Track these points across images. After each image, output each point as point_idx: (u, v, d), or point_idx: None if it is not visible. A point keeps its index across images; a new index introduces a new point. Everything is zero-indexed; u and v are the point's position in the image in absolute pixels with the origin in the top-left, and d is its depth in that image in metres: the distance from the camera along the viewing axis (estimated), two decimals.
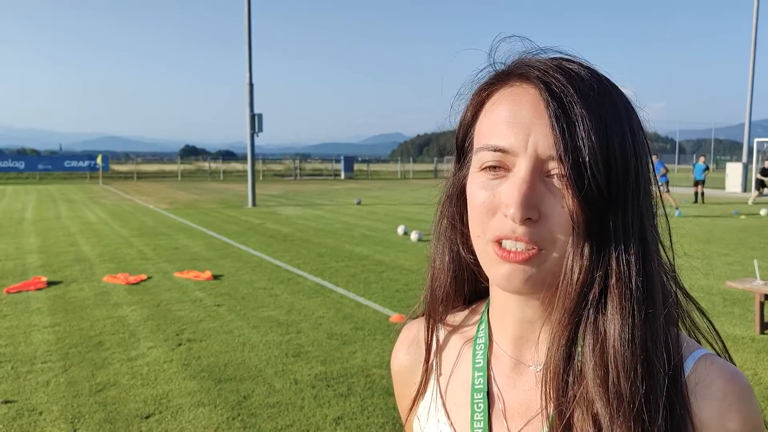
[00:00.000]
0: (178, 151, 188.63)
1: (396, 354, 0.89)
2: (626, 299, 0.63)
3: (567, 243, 0.64)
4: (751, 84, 30.12)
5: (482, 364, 0.76)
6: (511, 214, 0.63)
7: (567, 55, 0.70)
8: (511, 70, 0.70)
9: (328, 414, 4.17)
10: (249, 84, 21.77)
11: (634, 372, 0.62)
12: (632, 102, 0.70)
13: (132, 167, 50.50)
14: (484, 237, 0.68)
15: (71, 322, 6.44)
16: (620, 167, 0.64)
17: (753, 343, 5.66)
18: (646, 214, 0.67)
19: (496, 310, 0.77)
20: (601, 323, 0.64)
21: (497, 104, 0.69)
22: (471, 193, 0.70)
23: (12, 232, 13.93)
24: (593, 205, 0.63)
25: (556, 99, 0.64)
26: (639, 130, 0.68)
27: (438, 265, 0.81)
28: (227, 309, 6.98)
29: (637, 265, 0.64)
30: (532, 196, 0.63)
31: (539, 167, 0.64)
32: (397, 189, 33.34)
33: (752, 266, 6.41)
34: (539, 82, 0.65)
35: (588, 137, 0.62)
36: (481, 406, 0.74)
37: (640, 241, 0.65)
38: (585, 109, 0.63)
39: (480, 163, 0.68)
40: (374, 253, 10.94)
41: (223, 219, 17.16)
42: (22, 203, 22.62)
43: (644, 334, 0.63)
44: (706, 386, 0.65)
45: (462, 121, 0.75)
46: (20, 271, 9.25)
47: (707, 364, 0.67)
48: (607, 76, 0.69)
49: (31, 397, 4.48)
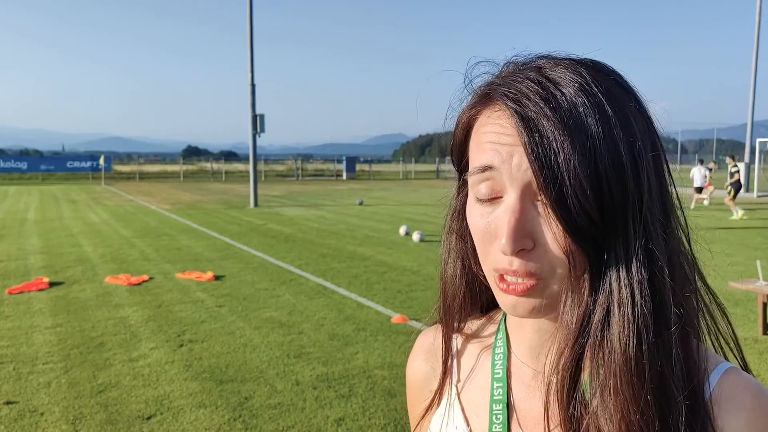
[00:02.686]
0: (180, 152, 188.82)
1: (412, 361, 0.88)
2: (630, 324, 0.59)
3: (565, 267, 0.61)
4: (754, 84, 30.06)
5: (501, 374, 0.75)
6: (502, 247, 0.61)
7: (554, 59, 0.65)
8: (495, 88, 0.66)
9: (329, 415, 4.16)
10: (251, 84, 21.79)
11: (645, 401, 0.59)
12: (637, 96, 0.65)
13: (134, 168, 50.58)
14: (486, 266, 0.67)
15: (73, 322, 6.45)
16: (614, 185, 0.59)
17: (756, 345, 5.64)
18: (652, 230, 0.61)
19: (512, 319, 0.76)
20: (606, 349, 0.61)
21: (482, 126, 0.67)
22: (470, 221, 0.68)
23: (14, 233, 13.95)
24: (582, 231, 0.60)
25: (530, 125, 0.60)
26: (643, 134, 0.62)
27: (450, 276, 0.80)
28: (229, 310, 6.98)
29: (640, 288, 0.59)
30: (523, 226, 0.61)
31: (528, 191, 0.62)
32: (399, 189, 33.34)
33: (755, 267, 6.39)
34: (515, 105, 0.62)
35: (568, 161, 0.58)
36: (500, 417, 0.73)
37: (646, 260, 0.60)
38: (566, 130, 0.59)
39: (474, 191, 0.67)
40: (376, 253, 10.93)
41: (225, 219, 17.17)
42: (24, 204, 22.66)
43: (654, 360, 0.59)
44: (731, 400, 0.63)
45: (455, 140, 0.73)
46: (22, 271, 9.26)
47: (733, 378, 0.65)
48: (605, 69, 0.64)
49: (32, 398, 4.48)
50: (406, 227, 13.49)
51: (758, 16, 30.15)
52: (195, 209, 20.49)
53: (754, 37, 29.44)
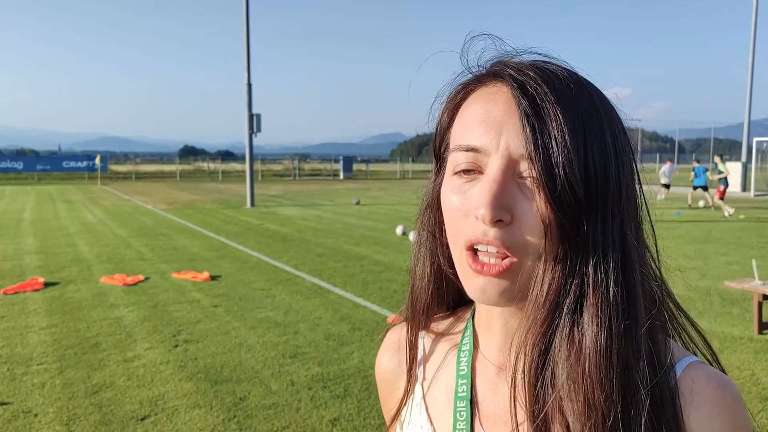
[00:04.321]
0: (177, 152, 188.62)
1: (380, 359, 0.89)
2: (603, 310, 0.60)
3: (540, 248, 0.62)
4: (751, 83, 30.11)
5: (466, 371, 0.75)
6: (482, 215, 0.61)
7: (546, 57, 0.68)
8: (487, 71, 0.68)
9: (324, 415, 4.16)
10: (248, 84, 21.77)
11: (609, 385, 0.59)
12: (615, 105, 0.67)
13: (131, 167, 50.49)
14: (458, 243, 0.66)
15: (68, 323, 6.43)
16: (599, 171, 0.61)
17: (751, 344, 5.64)
18: (627, 222, 0.63)
19: (481, 317, 0.75)
20: (577, 333, 0.61)
21: (471, 105, 0.67)
22: (444, 198, 0.68)
23: (10, 233, 13.92)
24: (566, 209, 0.60)
25: (527, 97, 0.62)
26: (621, 134, 0.65)
27: (419, 276, 0.79)
28: (225, 310, 6.97)
29: (615, 274, 0.61)
30: (504, 196, 0.61)
31: (511, 168, 0.62)
32: (396, 189, 33.32)
33: (751, 266, 6.40)
34: (511, 80, 0.63)
35: (561, 137, 0.60)
36: (464, 414, 0.73)
37: (621, 250, 0.62)
38: (560, 108, 0.61)
39: (453, 166, 0.67)
40: (373, 253, 10.92)
41: (221, 219, 17.15)
42: (20, 204, 22.61)
43: (622, 346, 0.60)
44: (695, 394, 0.64)
45: (438, 125, 0.73)
46: (18, 272, 9.23)
47: (695, 371, 0.66)
48: (588, 79, 0.67)
49: (26, 399, 4.46)
50: (402, 227, 13.50)
51: (755, 15, 30.21)
52: (192, 209, 20.47)
53: (751, 37, 29.48)
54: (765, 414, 4.19)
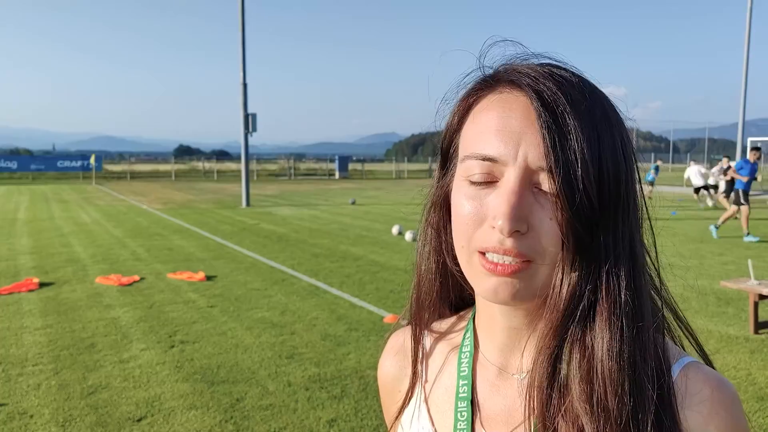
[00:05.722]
0: (172, 151, 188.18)
1: (383, 362, 0.89)
2: (615, 314, 0.62)
3: (556, 256, 0.63)
4: (745, 83, 30.22)
5: (467, 372, 0.76)
6: (499, 227, 0.62)
7: (556, 62, 0.68)
8: (500, 76, 0.68)
9: (321, 416, 4.14)
10: (243, 84, 21.73)
11: (621, 387, 0.61)
12: (621, 112, 0.68)
13: (125, 167, 50.29)
14: (469, 248, 0.66)
15: (63, 323, 6.40)
16: (612, 180, 0.63)
17: (747, 343, 5.66)
18: (635, 227, 0.66)
19: (482, 318, 0.76)
20: (589, 338, 0.63)
21: (485, 111, 0.67)
22: (456, 203, 0.68)
23: (4, 233, 13.85)
24: (584, 219, 0.61)
25: (548, 109, 0.62)
26: (627, 141, 0.67)
27: (424, 273, 0.80)
28: (220, 310, 6.95)
29: (627, 279, 0.63)
30: (521, 208, 0.61)
31: (528, 178, 0.63)
32: (392, 189, 33.32)
33: (746, 266, 6.41)
34: (530, 90, 0.63)
35: (580, 150, 0.61)
36: (464, 414, 0.74)
37: (631, 256, 0.64)
38: (577, 120, 0.61)
39: (467, 173, 0.66)
40: (369, 253, 10.91)
41: (217, 219, 17.11)
42: (14, 203, 22.50)
43: (633, 349, 0.62)
44: (692, 394, 0.65)
45: (448, 126, 0.73)
46: (12, 272, 9.19)
47: (693, 371, 0.67)
48: (596, 84, 0.67)
49: (21, 400, 4.44)
50: (398, 227, 13.49)
51: (749, 14, 30.31)
52: (187, 209, 20.41)
53: (746, 37, 29.58)
54: (762, 414, 4.20)
